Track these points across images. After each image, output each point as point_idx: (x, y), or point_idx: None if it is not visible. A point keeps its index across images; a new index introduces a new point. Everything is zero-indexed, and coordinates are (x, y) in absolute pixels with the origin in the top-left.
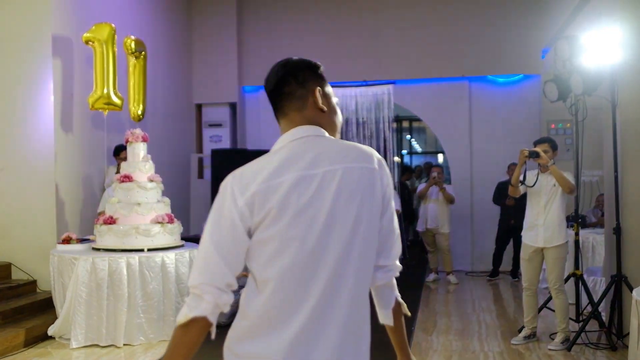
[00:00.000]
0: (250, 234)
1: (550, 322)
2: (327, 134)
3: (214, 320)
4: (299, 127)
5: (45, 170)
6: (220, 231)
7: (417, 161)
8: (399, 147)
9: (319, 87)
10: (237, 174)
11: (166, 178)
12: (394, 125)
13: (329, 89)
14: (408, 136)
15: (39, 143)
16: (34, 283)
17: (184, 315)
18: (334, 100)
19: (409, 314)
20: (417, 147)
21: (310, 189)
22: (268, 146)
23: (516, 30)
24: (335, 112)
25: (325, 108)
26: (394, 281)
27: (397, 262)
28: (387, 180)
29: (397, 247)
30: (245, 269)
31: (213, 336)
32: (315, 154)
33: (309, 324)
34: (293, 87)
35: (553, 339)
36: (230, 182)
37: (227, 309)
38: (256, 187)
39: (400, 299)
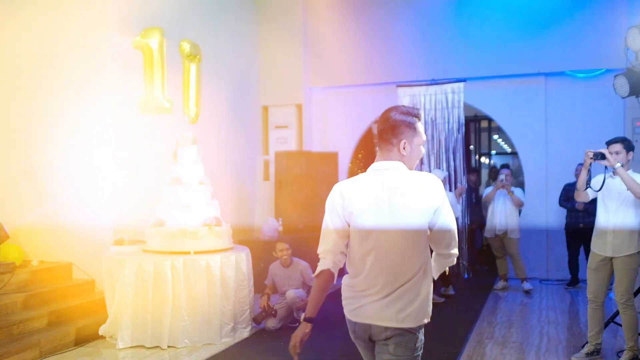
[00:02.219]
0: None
1: (619, 338)
2: (395, 166)
3: (334, 271)
4: (381, 161)
5: (103, 172)
6: (332, 215)
7: (500, 161)
8: (478, 147)
9: (405, 140)
10: (340, 183)
11: (232, 180)
12: (474, 124)
13: (417, 137)
14: (495, 136)
15: (98, 146)
16: (91, 283)
17: (317, 270)
18: (421, 143)
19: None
20: (507, 147)
21: (374, 204)
22: (334, 148)
23: (597, 20)
24: (413, 157)
25: (405, 154)
26: (452, 262)
27: (452, 251)
28: (437, 199)
29: (453, 242)
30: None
31: (334, 281)
32: (382, 182)
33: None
34: (389, 136)
35: (620, 357)
36: (337, 186)
37: (341, 265)
38: (345, 192)
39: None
